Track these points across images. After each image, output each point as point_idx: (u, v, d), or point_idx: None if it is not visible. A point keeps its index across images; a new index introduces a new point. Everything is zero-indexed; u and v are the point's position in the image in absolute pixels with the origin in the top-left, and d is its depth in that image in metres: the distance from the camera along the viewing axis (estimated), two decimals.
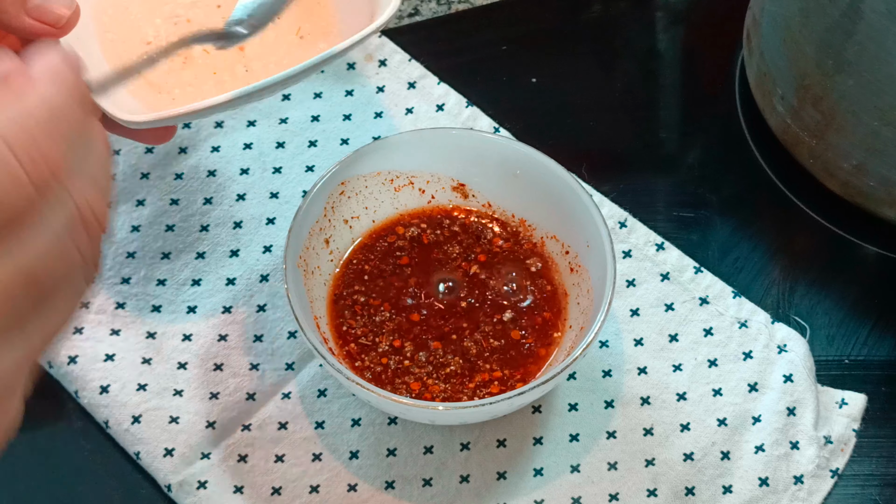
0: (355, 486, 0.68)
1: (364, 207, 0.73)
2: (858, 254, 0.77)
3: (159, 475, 0.69)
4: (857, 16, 0.68)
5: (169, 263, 0.75)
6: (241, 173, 0.79)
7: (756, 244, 0.78)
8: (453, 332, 0.70)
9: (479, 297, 0.71)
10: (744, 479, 0.68)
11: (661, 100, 0.84)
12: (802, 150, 0.78)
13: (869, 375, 0.73)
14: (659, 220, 0.78)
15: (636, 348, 0.72)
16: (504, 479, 0.69)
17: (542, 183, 0.72)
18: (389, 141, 0.73)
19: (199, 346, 0.73)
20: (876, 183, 0.75)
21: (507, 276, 0.72)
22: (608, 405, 0.71)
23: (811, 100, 0.74)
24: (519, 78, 0.84)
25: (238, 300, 0.74)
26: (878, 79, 0.70)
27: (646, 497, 0.68)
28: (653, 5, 0.88)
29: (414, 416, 0.66)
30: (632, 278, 0.75)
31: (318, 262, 0.71)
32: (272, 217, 0.77)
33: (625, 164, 0.81)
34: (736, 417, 0.70)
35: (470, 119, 0.81)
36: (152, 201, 0.78)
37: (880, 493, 0.69)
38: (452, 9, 0.88)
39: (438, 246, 0.73)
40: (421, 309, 0.71)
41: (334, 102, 0.82)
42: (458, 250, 0.73)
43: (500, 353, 0.69)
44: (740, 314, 0.73)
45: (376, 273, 0.72)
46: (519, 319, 0.70)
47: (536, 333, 0.70)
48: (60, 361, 0.71)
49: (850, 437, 0.70)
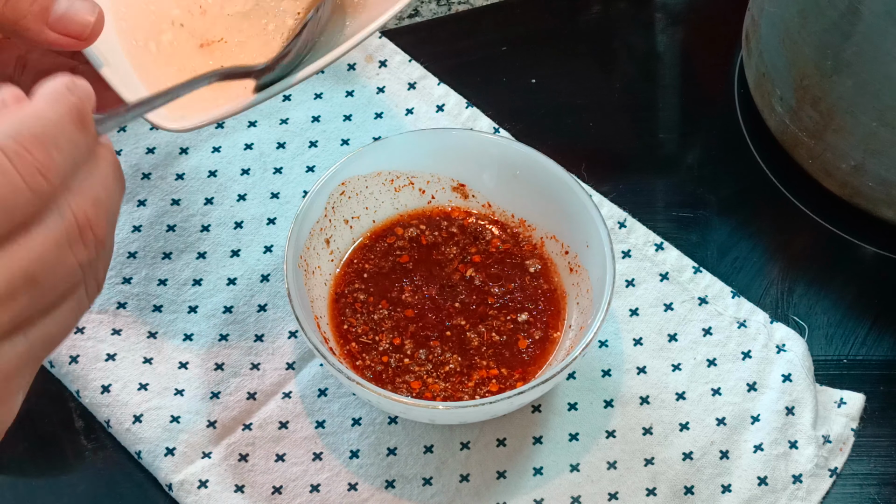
0: (356, 486, 0.68)
1: (364, 208, 0.73)
2: (857, 254, 0.78)
3: (160, 474, 0.69)
4: (855, 17, 0.69)
5: (170, 263, 0.76)
6: (242, 174, 0.79)
7: (755, 244, 0.78)
8: (453, 331, 0.70)
9: (479, 296, 0.71)
10: (743, 478, 0.68)
11: (660, 100, 0.84)
12: (801, 151, 0.78)
13: (867, 375, 0.73)
14: (658, 220, 0.78)
15: (635, 348, 0.73)
16: (504, 478, 0.69)
17: (541, 183, 0.72)
18: (389, 141, 0.73)
19: (199, 345, 0.73)
20: (874, 183, 0.75)
21: (507, 276, 0.72)
22: (607, 405, 0.71)
23: (810, 100, 0.75)
24: (519, 78, 0.84)
25: (239, 300, 0.74)
26: (877, 79, 0.70)
27: (645, 496, 0.68)
28: (652, 6, 0.88)
29: (414, 416, 0.67)
30: (631, 278, 0.75)
31: (318, 262, 0.71)
32: (273, 217, 0.77)
33: (624, 165, 0.81)
34: (735, 417, 0.70)
35: (470, 119, 0.81)
36: (153, 201, 0.78)
37: (879, 493, 0.69)
38: (452, 9, 0.88)
39: (438, 246, 0.73)
40: (421, 308, 0.71)
41: (335, 103, 0.82)
42: (458, 250, 0.73)
43: (500, 352, 0.70)
44: (739, 314, 0.73)
45: (376, 272, 0.72)
46: (519, 319, 0.71)
47: (536, 333, 0.70)
48: (62, 361, 0.71)
49: (849, 436, 0.70)
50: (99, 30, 0.56)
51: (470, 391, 0.68)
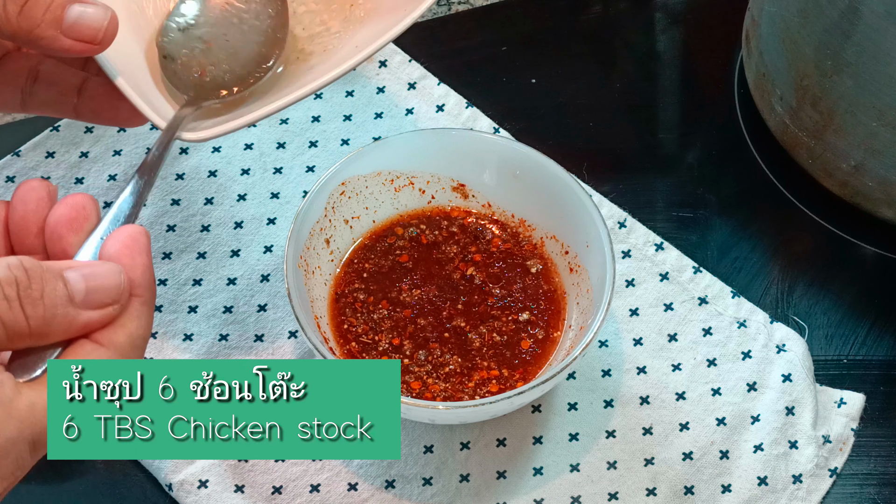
0: (356, 485, 0.68)
1: (364, 207, 0.73)
2: (857, 254, 0.78)
3: (160, 474, 0.69)
4: (855, 16, 0.69)
5: (170, 263, 0.76)
6: (242, 174, 0.79)
7: (755, 244, 0.78)
8: (453, 331, 0.70)
9: (479, 297, 0.71)
10: (743, 478, 0.68)
11: (660, 100, 0.84)
12: (801, 151, 0.78)
13: (867, 375, 0.73)
14: (658, 220, 0.78)
15: (635, 348, 0.73)
16: (504, 478, 0.69)
17: (541, 183, 0.72)
18: (389, 141, 0.73)
19: (200, 345, 0.73)
20: (874, 183, 0.75)
21: (507, 276, 0.72)
22: (607, 404, 0.71)
23: (810, 100, 0.75)
24: (519, 78, 0.84)
25: (239, 300, 0.74)
26: (877, 79, 0.70)
27: (645, 496, 0.68)
28: (652, 6, 0.88)
29: (414, 416, 0.67)
30: (631, 278, 0.75)
31: (318, 262, 0.71)
32: (273, 217, 0.77)
33: (624, 165, 0.81)
34: (735, 417, 0.70)
35: (470, 119, 0.81)
36: (153, 201, 0.78)
37: (879, 493, 0.69)
38: (452, 9, 0.88)
39: (438, 246, 0.73)
40: (421, 308, 0.71)
41: (335, 103, 0.82)
42: (458, 250, 0.73)
43: (500, 352, 0.70)
44: (739, 314, 0.73)
45: (376, 272, 0.72)
46: (519, 319, 0.71)
47: (536, 333, 0.70)
48: None
49: (849, 436, 0.70)
50: (113, 33, 0.56)
51: (470, 391, 0.68)
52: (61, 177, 0.79)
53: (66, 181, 0.78)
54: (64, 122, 0.80)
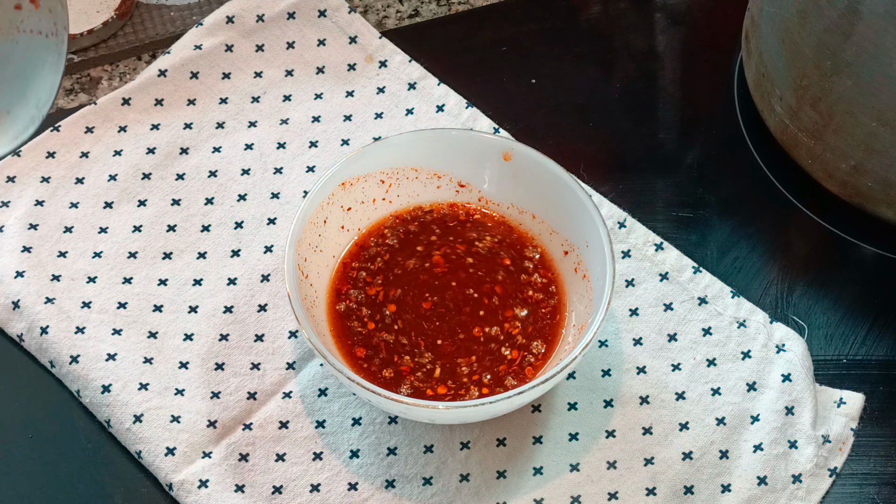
0: (356, 485, 0.69)
1: (364, 207, 0.73)
2: (856, 254, 0.78)
3: (160, 474, 0.69)
4: (855, 17, 0.69)
5: (170, 263, 0.76)
6: (243, 174, 0.79)
7: (755, 244, 0.78)
8: (453, 330, 0.70)
9: (478, 296, 0.71)
10: (742, 478, 0.69)
11: (660, 100, 0.84)
12: (801, 151, 0.78)
13: (867, 375, 0.73)
14: (658, 220, 0.78)
15: (635, 348, 0.73)
16: (504, 477, 0.69)
17: (541, 183, 0.72)
18: (389, 141, 0.73)
19: (200, 345, 0.73)
20: (874, 183, 0.75)
21: (507, 275, 0.72)
22: (607, 404, 0.71)
23: (809, 100, 0.75)
24: (519, 78, 0.85)
25: (239, 300, 0.74)
26: (876, 79, 0.70)
27: (645, 496, 0.68)
28: (652, 6, 0.88)
29: (414, 416, 0.67)
30: (631, 278, 0.75)
31: (318, 262, 0.71)
32: (273, 217, 0.77)
33: (624, 165, 0.81)
34: (734, 417, 0.70)
35: (470, 119, 0.81)
36: (154, 201, 0.78)
37: (878, 492, 0.69)
38: (452, 10, 0.88)
39: (438, 246, 0.73)
40: (420, 307, 0.71)
41: (335, 103, 0.82)
42: (458, 250, 0.73)
43: (500, 351, 0.70)
44: (739, 314, 0.74)
45: (376, 272, 0.72)
46: (518, 319, 0.71)
47: (536, 333, 0.70)
48: (62, 361, 0.72)
49: (849, 436, 0.70)
50: None
51: (470, 391, 0.68)
52: (61, 177, 0.79)
53: (66, 181, 0.79)
54: (64, 122, 0.80)
